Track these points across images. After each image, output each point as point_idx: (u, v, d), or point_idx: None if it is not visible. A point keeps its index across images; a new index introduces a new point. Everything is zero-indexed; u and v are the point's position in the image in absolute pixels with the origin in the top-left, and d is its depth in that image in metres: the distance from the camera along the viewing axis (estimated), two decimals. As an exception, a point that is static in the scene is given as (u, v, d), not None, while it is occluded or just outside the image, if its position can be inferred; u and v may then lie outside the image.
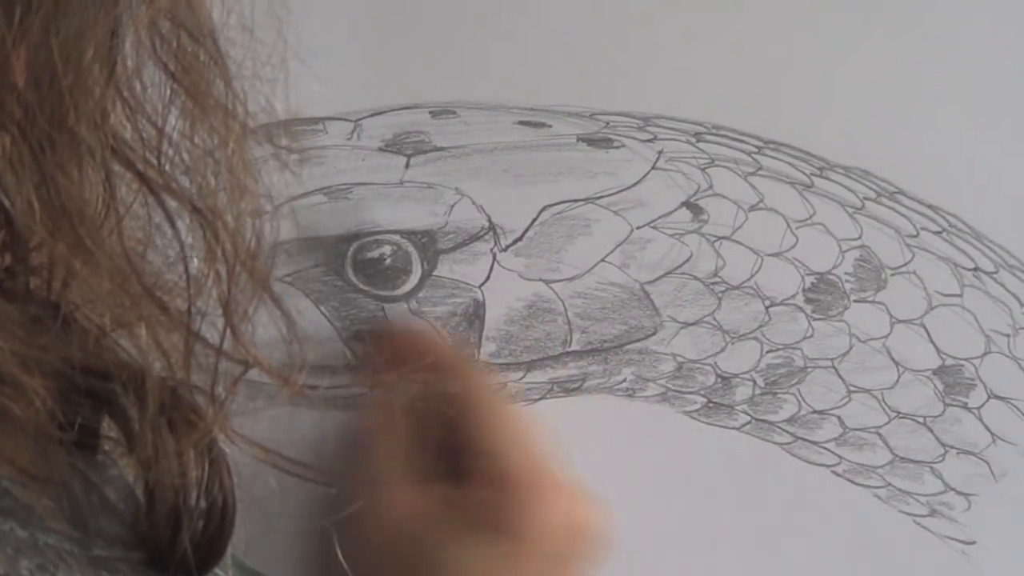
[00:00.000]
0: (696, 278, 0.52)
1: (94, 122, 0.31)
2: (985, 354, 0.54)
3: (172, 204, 0.34)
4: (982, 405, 0.54)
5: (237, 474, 0.37)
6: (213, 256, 0.35)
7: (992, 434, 0.54)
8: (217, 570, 0.37)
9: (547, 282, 0.52)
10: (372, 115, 0.51)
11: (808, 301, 0.53)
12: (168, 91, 0.33)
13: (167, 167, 0.33)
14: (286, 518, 0.43)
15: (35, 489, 0.32)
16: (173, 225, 0.34)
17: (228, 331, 0.36)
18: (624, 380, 0.53)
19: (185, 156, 0.34)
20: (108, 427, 0.36)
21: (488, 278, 0.51)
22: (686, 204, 0.52)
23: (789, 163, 0.53)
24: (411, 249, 0.51)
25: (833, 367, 0.53)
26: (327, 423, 0.49)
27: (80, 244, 0.31)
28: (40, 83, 0.30)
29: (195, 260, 0.35)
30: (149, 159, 0.33)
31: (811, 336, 0.53)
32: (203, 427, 0.35)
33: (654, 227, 0.52)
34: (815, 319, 0.53)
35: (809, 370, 0.53)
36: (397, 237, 0.51)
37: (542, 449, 0.47)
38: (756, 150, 0.53)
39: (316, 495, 0.44)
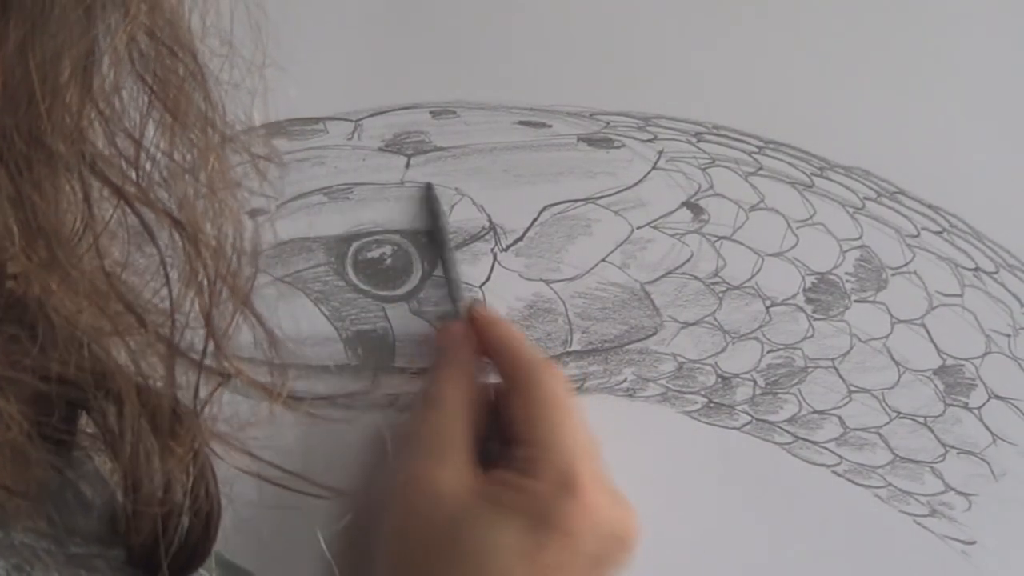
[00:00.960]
0: (697, 278, 0.52)
1: (72, 139, 0.30)
2: (986, 354, 0.54)
3: (152, 219, 0.33)
4: (982, 405, 0.53)
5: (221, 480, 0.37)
6: (194, 270, 0.34)
7: (992, 434, 0.54)
8: (201, 570, 0.37)
9: (548, 282, 0.51)
10: (372, 115, 0.50)
11: (809, 301, 0.53)
12: (147, 106, 0.33)
13: (146, 182, 0.33)
14: (267, 508, 0.42)
15: (14, 500, 0.32)
16: (153, 239, 0.33)
17: (211, 344, 0.35)
18: (624, 380, 0.52)
19: (164, 171, 0.33)
20: (85, 423, 0.35)
21: (488, 278, 0.51)
22: (687, 204, 0.52)
23: (789, 163, 0.53)
24: (411, 249, 0.50)
25: (834, 367, 0.53)
26: (312, 430, 0.48)
27: (55, 263, 0.31)
28: (16, 103, 0.29)
29: (175, 275, 0.34)
30: (128, 174, 0.32)
31: (812, 336, 0.53)
32: (186, 438, 0.35)
33: (655, 227, 0.52)
34: (816, 319, 0.53)
35: (810, 370, 0.53)
36: (397, 237, 0.50)
37: (598, 451, 0.46)
38: (756, 150, 0.52)
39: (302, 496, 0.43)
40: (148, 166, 0.33)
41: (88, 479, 0.36)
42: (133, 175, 0.32)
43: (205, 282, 0.34)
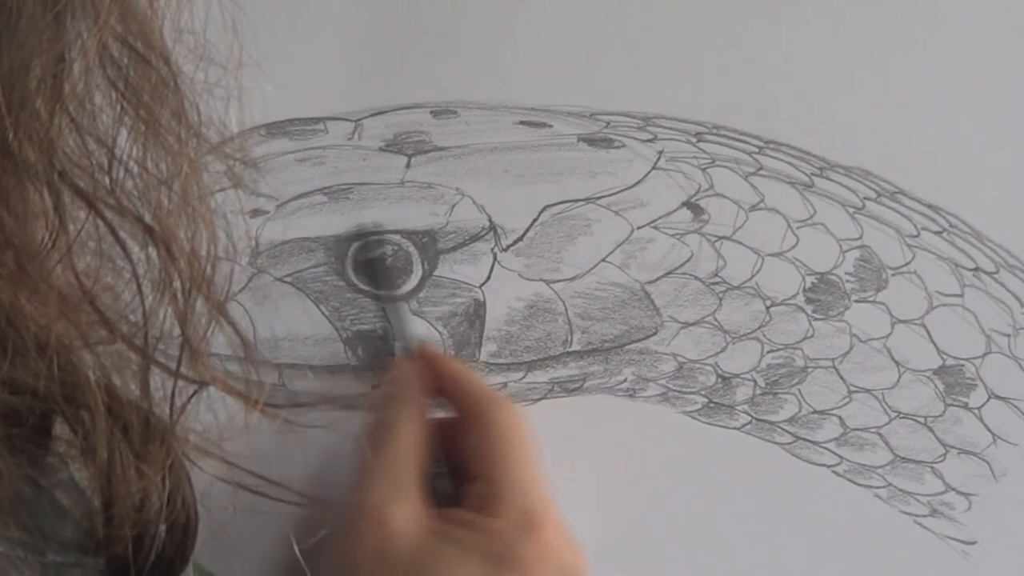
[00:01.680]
0: (697, 278, 0.52)
1: (41, 148, 0.30)
2: (986, 354, 0.53)
3: (125, 228, 0.32)
4: (983, 405, 0.53)
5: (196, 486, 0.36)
6: (168, 278, 0.33)
7: (993, 434, 0.53)
8: None
9: (548, 282, 0.51)
10: (373, 115, 0.50)
11: (809, 301, 0.52)
12: (120, 113, 0.32)
13: (119, 191, 0.32)
14: (242, 513, 0.41)
15: None
16: (124, 248, 0.32)
17: (187, 351, 0.34)
18: (625, 380, 0.52)
19: (138, 180, 0.32)
20: (60, 430, 0.34)
21: (489, 278, 0.50)
22: (687, 204, 0.52)
23: (789, 163, 0.52)
24: (412, 249, 0.50)
25: (834, 367, 0.52)
26: (289, 436, 0.47)
27: (24, 275, 0.30)
28: None
29: (148, 284, 0.33)
30: (99, 181, 0.31)
31: (812, 336, 0.52)
32: (161, 450, 0.34)
33: (655, 227, 0.51)
34: (816, 319, 0.52)
35: (810, 370, 0.52)
36: (398, 237, 0.50)
37: (545, 486, 0.46)
38: (757, 150, 0.52)
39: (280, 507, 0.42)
40: (121, 174, 0.32)
41: (64, 487, 0.35)
42: (105, 183, 0.32)
43: (179, 290, 0.33)
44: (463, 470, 0.46)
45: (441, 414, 0.48)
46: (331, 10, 0.50)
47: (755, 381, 0.52)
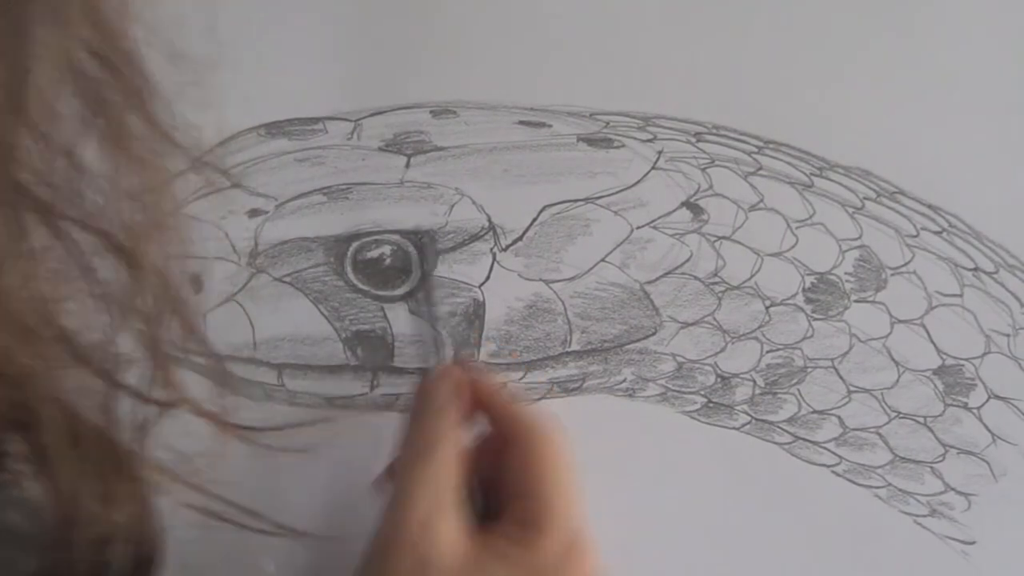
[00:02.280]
0: (696, 278, 0.52)
1: (3, 165, 0.28)
2: (985, 354, 0.53)
3: (91, 245, 0.31)
4: (982, 405, 0.53)
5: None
6: (137, 298, 0.32)
7: (992, 434, 0.53)
8: None
9: (547, 282, 0.51)
10: (372, 115, 0.50)
11: (808, 301, 0.52)
12: (88, 125, 0.30)
13: (85, 206, 0.31)
14: (213, 532, 0.40)
15: None
16: (90, 267, 0.31)
17: (155, 374, 0.33)
18: (624, 380, 0.52)
19: (108, 195, 0.31)
20: (14, 447, 0.33)
21: (488, 278, 0.50)
22: (686, 204, 0.52)
23: (789, 163, 0.52)
24: (410, 249, 0.50)
25: (833, 367, 0.52)
26: (266, 462, 0.46)
27: None
28: None
29: (116, 305, 0.32)
30: (63, 196, 0.30)
31: (811, 336, 0.52)
32: (130, 481, 0.33)
33: (654, 227, 0.51)
34: (815, 319, 0.52)
35: (809, 370, 0.52)
36: (397, 237, 0.50)
37: (582, 505, 0.45)
38: (756, 150, 0.52)
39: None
40: (88, 188, 0.31)
41: (16, 506, 0.34)
42: (70, 198, 0.30)
43: (149, 312, 0.32)
44: (494, 487, 0.45)
45: (475, 430, 0.47)
46: (331, 10, 0.49)
47: (754, 381, 0.52)
